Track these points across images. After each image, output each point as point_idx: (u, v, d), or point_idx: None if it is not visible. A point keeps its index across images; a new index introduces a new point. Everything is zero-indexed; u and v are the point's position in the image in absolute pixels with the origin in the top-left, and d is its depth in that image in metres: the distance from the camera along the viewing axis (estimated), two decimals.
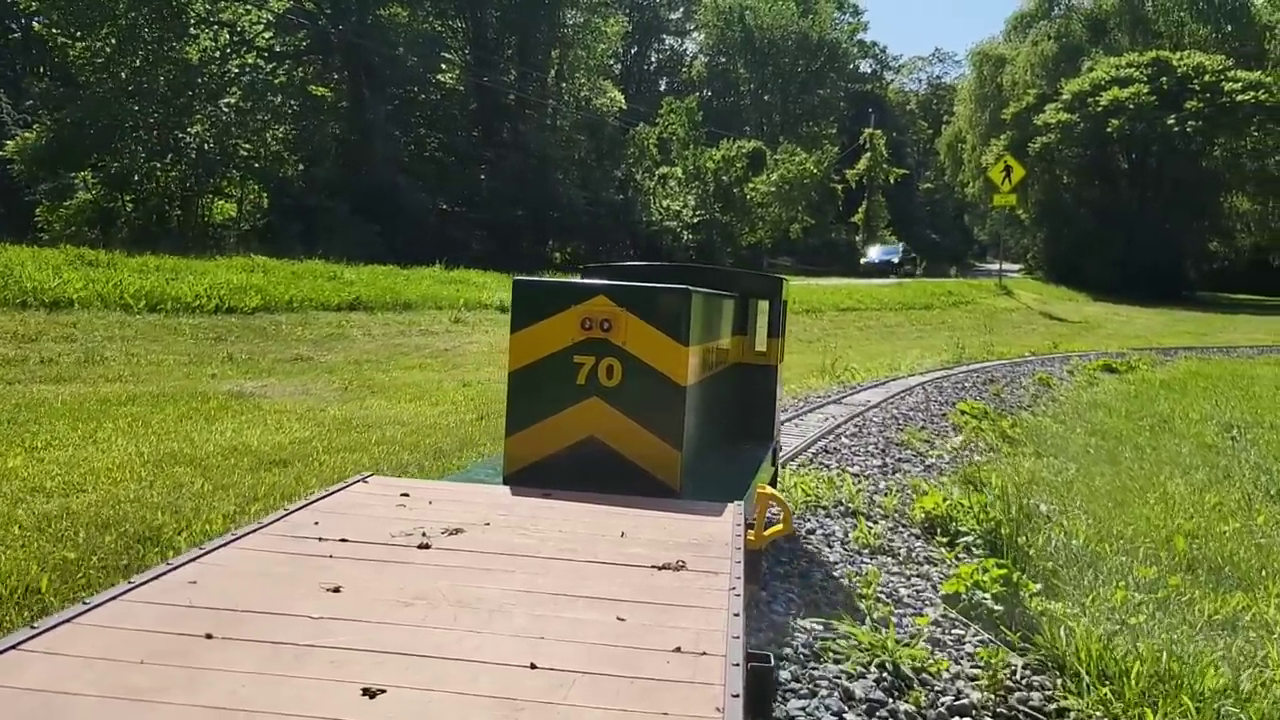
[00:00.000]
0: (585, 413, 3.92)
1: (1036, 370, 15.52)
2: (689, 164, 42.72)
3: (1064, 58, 51.94)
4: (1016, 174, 38.33)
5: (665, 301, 3.91)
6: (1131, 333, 28.23)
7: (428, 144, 38.74)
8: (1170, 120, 43.38)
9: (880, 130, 62.09)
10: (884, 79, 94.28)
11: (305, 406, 9.65)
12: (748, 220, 45.18)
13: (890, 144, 63.86)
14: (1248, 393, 12.74)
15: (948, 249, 79.20)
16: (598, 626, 2.33)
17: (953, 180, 65.59)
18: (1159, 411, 10.53)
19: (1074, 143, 46.87)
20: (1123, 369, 15.96)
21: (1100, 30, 54.04)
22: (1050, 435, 9.94)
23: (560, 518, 3.33)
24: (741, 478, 4.42)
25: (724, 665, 2.10)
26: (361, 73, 35.33)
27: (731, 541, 3.08)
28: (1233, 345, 24.60)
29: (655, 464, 3.89)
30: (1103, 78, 45.58)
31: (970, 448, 9.67)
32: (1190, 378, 14.57)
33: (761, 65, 73.40)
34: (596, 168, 41.26)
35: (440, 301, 18.58)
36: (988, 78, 55.79)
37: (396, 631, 2.24)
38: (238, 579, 2.53)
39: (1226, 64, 45.40)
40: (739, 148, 44.26)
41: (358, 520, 3.14)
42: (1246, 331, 30.43)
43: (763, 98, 75.11)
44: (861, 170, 60.14)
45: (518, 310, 4.03)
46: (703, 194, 42.05)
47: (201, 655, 2.05)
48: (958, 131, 60.05)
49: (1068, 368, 16.18)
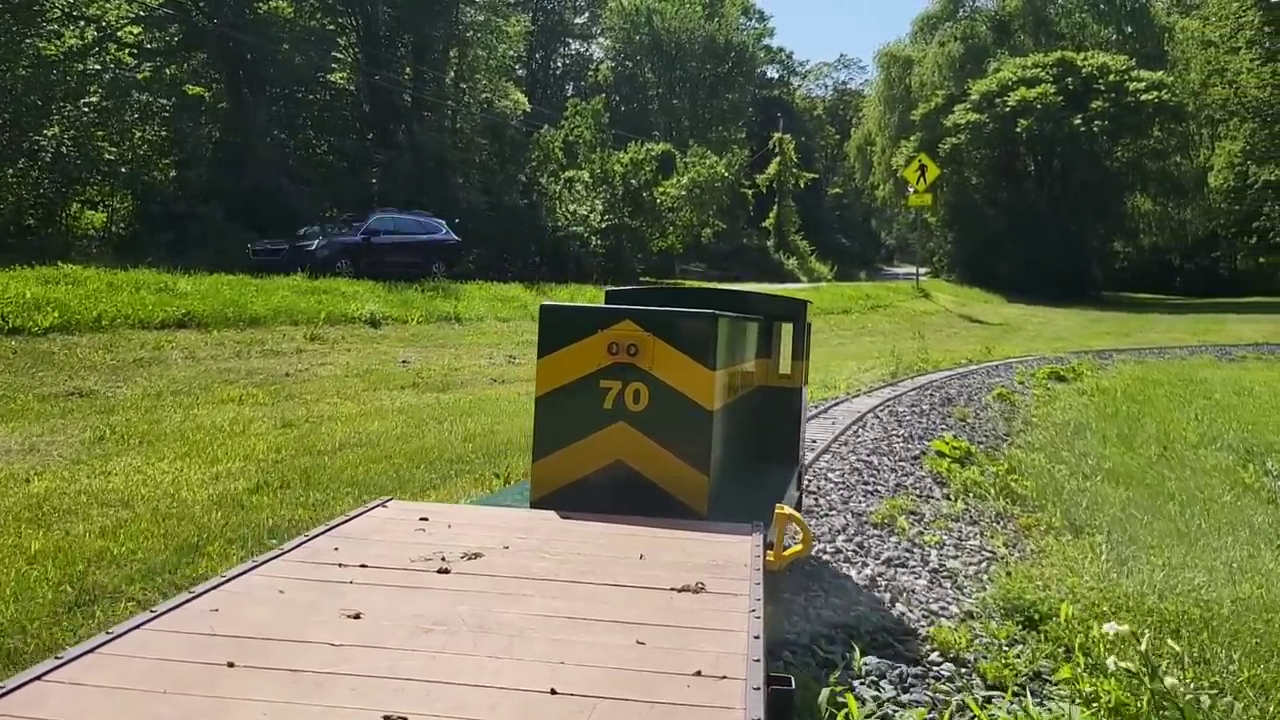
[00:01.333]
0: (612, 437, 3.90)
1: (988, 381, 14.11)
2: (596, 167, 41.12)
3: (970, 59, 51.93)
4: (931, 173, 37.67)
5: (692, 326, 3.91)
6: (1053, 334, 27.53)
7: (316, 147, 36.32)
8: (1077, 120, 43.43)
9: (789, 135, 61.67)
10: (791, 85, 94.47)
11: (6, 474, 7.05)
12: (658, 225, 43.80)
13: (799, 149, 63.59)
14: (1214, 402, 11.65)
15: (856, 253, 79.48)
16: (618, 650, 2.33)
17: (863, 183, 65.42)
18: (1149, 433, 9.18)
19: (983, 144, 46.73)
20: (1070, 376, 14.79)
21: (1005, 31, 54.24)
22: (1064, 488, 7.71)
23: (579, 540, 3.33)
24: (768, 502, 4.13)
25: (744, 689, 2.10)
26: (241, 71, 32.80)
27: (751, 563, 3.07)
28: (1161, 346, 23.94)
29: (682, 489, 3.85)
30: (1010, 78, 45.50)
31: (973, 518, 7.19)
32: (1146, 385, 13.44)
33: (669, 69, 72.30)
34: (499, 171, 39.23)
35: (297, 315, 16.31)
36: (896, 79, 55.55)
37: (417, 658, 2.25)
38: (259, 606, 2.54)
39: (1130, 64, 45.74)
40: (647, 150, 42.84)
41: (377, 546, 3.16)
42: (1164, 330, 30.10)
43: (671, 102, 73.97)
44: (771, 175, 59.75)
45: (545, 335, 4.00)
46: (611, 198, 40.47)
47: (224, 684, 2.07)
48: (867, 134, 59.77)
49: (1016, 377, 14.91)
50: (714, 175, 44.67)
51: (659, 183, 43.04)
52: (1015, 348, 22.42)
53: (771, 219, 60.18)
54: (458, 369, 14.15)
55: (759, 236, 61.50)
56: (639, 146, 42.82)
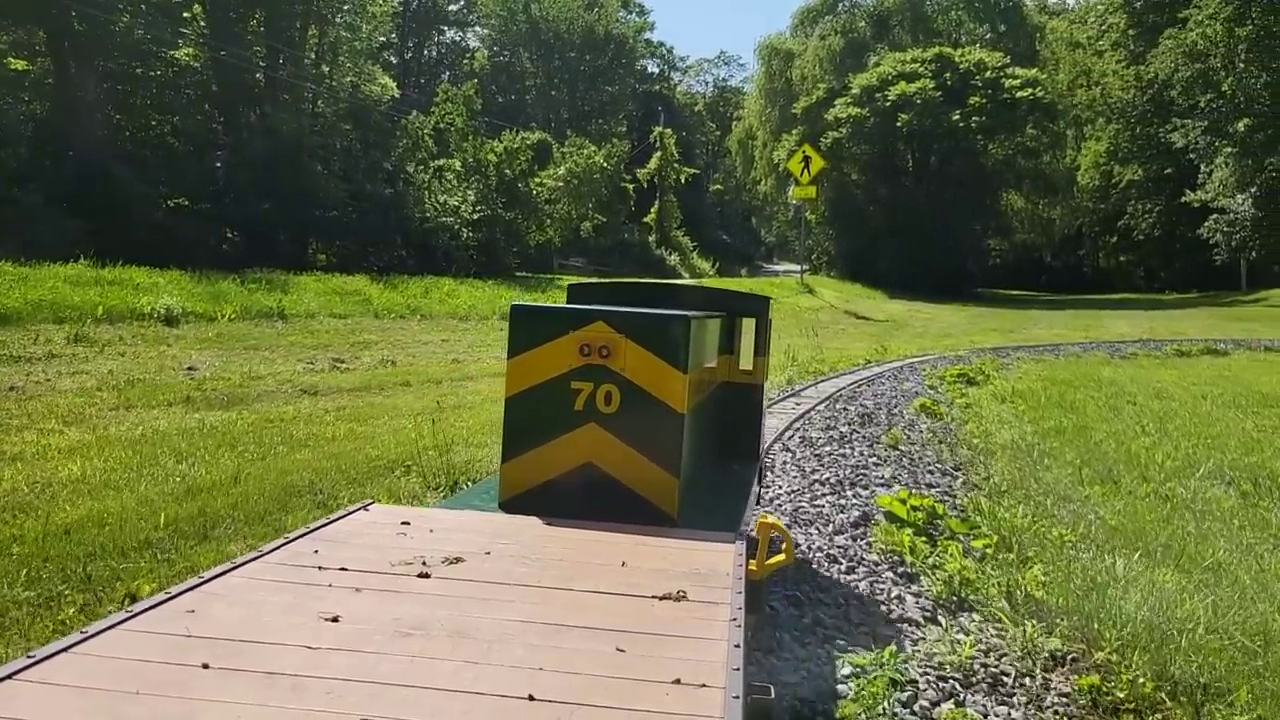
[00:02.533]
0: (583, 439, 3.87)
1: (899, 388, 12.66)
2: (468, 156, 38.97)
3: (850, 53, 51.71)
4: (816, 165, 36.89)
5: (665, 329, 3.87)
6: (940, 331, 26.87)
7: (155, 127, 33.06)
8: (955, 116, 43.47)
9: (670, 129, 60.58)
10: (671, 80, 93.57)
11: None
12: (535, 218, 41.88)
13: (679, 144, 62.65)
14: (1141, 407, 10.56)
15: (738, 250, 79.16)
16: (597, 657, 2.32)
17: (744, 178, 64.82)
18: (1113, 456, 7.75)
19: (864, 139, 46.44)
20: (979, 378, 13.65)
21: (884, 27, 54.25)
22: (1097, 579, 4.81)
23: (561, 547, 3.30)
24: (736, 503, 4.35)
25: (724, 698, 2.08)
26: (67, 43, 29.45)
27: (733, 572, 3.04)
28: (1050, 343, 23.38)
29: (653, 491, 3.83)
30: (889, 72, 45.30)
31: (991, 680, 4.12)
32: (1059, 388, 12.31)
33: (548, 59, 70.34)
34: (362, 158, 36.63)
35: (65, 311, 13.80)
36: (777, 72, 54.94)
37: (394, 662, 2.24)
38: (236, 608, 2.52)
39: (1005, 61, 46.11)
40: (523, 139, 40.88)
41: (358, 549, 3.12)
42: (1046, 326, 29.88)
43: (550, 93, 72.02)
44: (652, 169, 58.59)
45: (515, 335, 3.95)
46: (484, 189, 38.38)
47: (198, 686, 2.05)
48: (748, 127, 59.07)
49: (925, 379, 13.66)
50: (592, 166, 43.06)
51: (535, 173, 41.16)
52: (908, 345, 21.45)
53: (653, 214, 58.98)
54: (259, 377, 11.78)
55: (641, 232, 60.20)
56: (514, 135, 40.83)
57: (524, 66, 71.93)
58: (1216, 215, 42.24)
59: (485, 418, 9.22)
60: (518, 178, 39.93)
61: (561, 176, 42.20)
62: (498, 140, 40.69)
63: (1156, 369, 16.00)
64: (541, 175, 41.83)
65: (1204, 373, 15.24)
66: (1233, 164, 39.67)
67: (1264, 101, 37.26)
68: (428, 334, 19.44)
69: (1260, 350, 21.19)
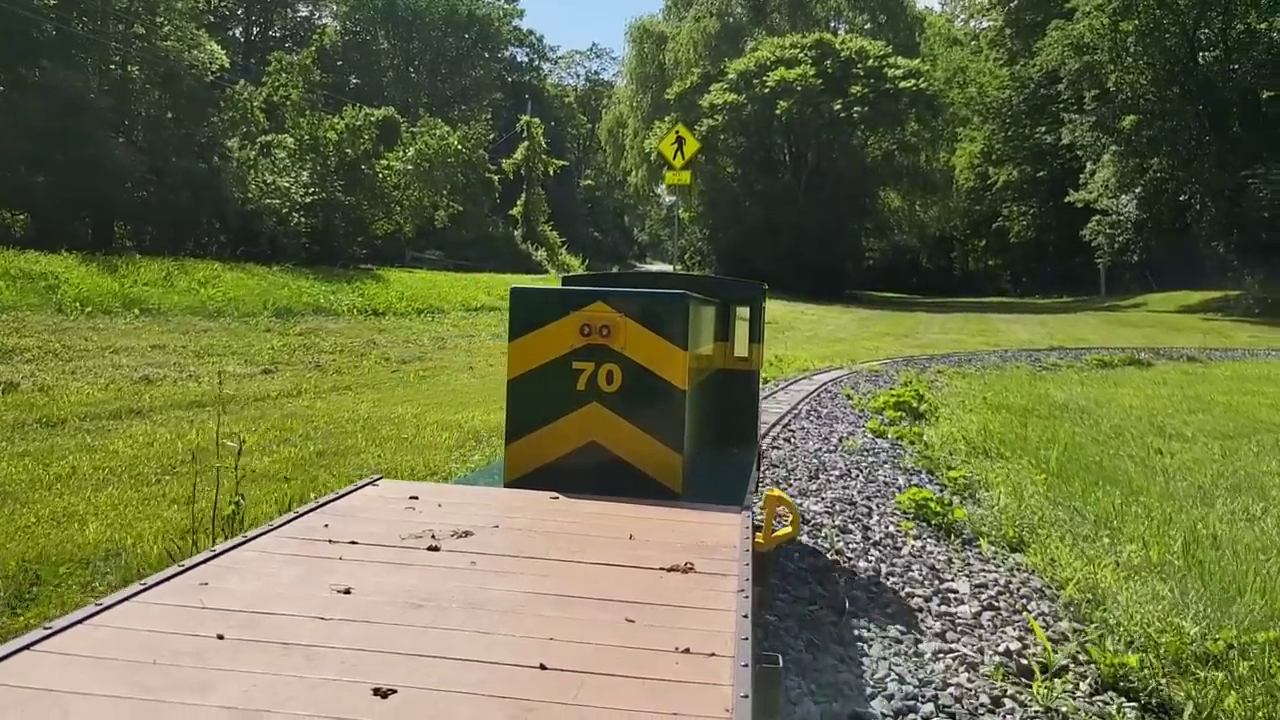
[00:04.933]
0: (586, 418, 3.88)
1: (833, 432, 8.98)
2: (304, 133, 34.41)
3: (726, 38, 48.95)
4: (690, 147, 33.44)
5: (665, 307, 3.90)
6: (829, 335, 24.05)
7: None
8: (836, 105, 41.11)
9: (538, 119, 56.87)
10: (541, 70, 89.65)
11: None
12: (382, 204, 37.50)
13: (549, 134, 59.09)
14: (1188, 463, 7.34)
15: (609, 247, 76.07)
16: (607, 628, 2.32)
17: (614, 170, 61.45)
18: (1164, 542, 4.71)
19: (741, 128, 43.69)
20: (920, 406, 10.32)
21: (761, 11, 51.74)
22: None
23: (569, 520, 3.31)
24: (739, 480, 4.31)
25: (733, 666, 2.09)
26: None
27: (740, 544, 3.04)
28: (956, 352, 20.78)
29: (656, 468, 3.84)
30: (768, 58, 42.63)
31: None
32: (1037, 423, 9.00)
33: (405, 38, 65.43)
34: (173, 129, 31.59)
35: None
36: (649, 56, 51.71)
37: (406, 633, 2.25)
38: (249, 580, 2.54)
39: (887, 50, 44.08)
40: (366, 116, 36.42)
41: (368, 523, 3.15)
42: (939, 331, 27.53)
43: (409, 74, 67.13)
44: (519, 160, 54.85)
45: (516, 318, 3.96)
46: (321, 169, 33.90)
47: (213, 656, 2.07)
48: (619, 115, 55.75)
49: (852, 408, 10.34)
50: (445, 148, 38.92)
51: (381, 155, 36.84)
52: (802, 352, 18.39)
53: (519, 207, 55.23)
54: None
55: (506, 225, 56.37)
56: (356, 111, 36.39)
57: (380, 46, 66.84)
58: (1099, 217, 41.17)
59: None
60: (361, 159, 35.57)
61: (410, 159, 37.93)
62: (339, 117, 36.25)
63: (1110, 387, 13.28)
64: (389, 157, 37.56)
65: (1167, 393, 12.57)
66: (1115, 164, 38.49)
67: (1150, 99, 36.10)
68: (134, 337, 14.85)
69: (1183, 361, 19.09)
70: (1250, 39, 34.89)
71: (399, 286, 26.82)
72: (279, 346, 15.77)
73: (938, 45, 53.44)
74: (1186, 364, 18.59)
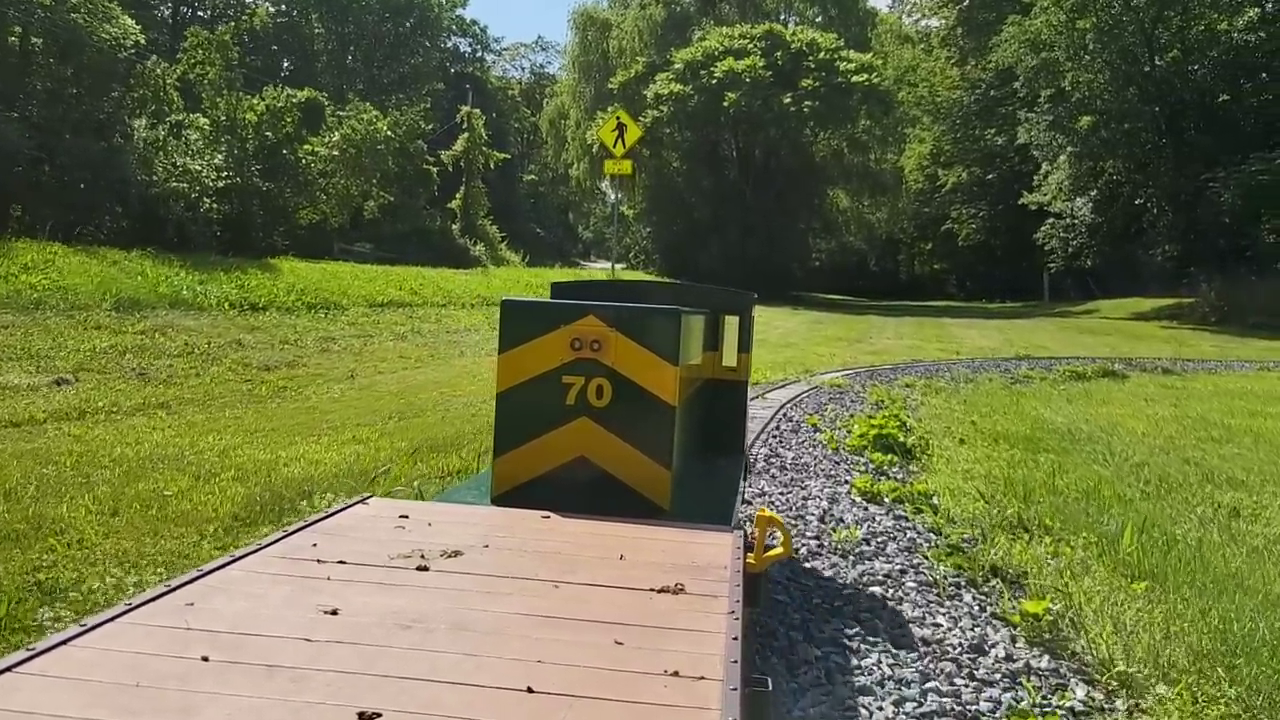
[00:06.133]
0: (575, 433, 3.84)
1: (801, 495, 6.68)
2: (220, 114, 32.03)
3: (673, 27, 47.24)
4: (631, 134, 31.65)
5: (656, 322, 3.86)
6: (779, 339, 22.44)
7: None
8: (787, 99, 39.59)
9: (479, 110, 54.70)
10: (485, 62, 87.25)
11: None
12: (306, 192, 35.17)
13: (491, 127, 56.95)
14: (1263, 533, 5.68)
15: (552, 244, 74.10)
16: (595, 650, 2.27)
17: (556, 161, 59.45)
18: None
19: (687, 121, 42.00)
20: (907, 440, 8.52)
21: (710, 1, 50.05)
22: None
23: (559, 540, 3.26)
24: (726, 495, 4.35)
25: (722, 690, 2.04)
26: None
27: (731, 565, 2.98)
28: (917, 360, 19.24)
29: (645, 484, 3.80)
30: (716, 48, 40.98)
31: None
32: (1051, 459, 7.41)
33: (340, 21, 62.72)
34: (71, 106, 29.00)
35: None
36: (592, 43, 49.76)
37: (393, 654, 2.20)
38: (235, 601, 2.49)
39: (839, 43, 42.69)
40: (289, 98, 34.10)
41: (356, 542, 3.08)
42: (893, 335, 26.09)
43: (344, 60, 64.44)
44: (459, 152, 52.61)
45: (506, 330, 3.91)
46: (239, 153, 31.57)
47: (198, 678, 2.03)
48: (560, 105, 53.75)
49: (825, 450, 8.38)
50: (374, 134, 36.70)
51: (305, 139, 34.52)
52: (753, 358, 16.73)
53: (458, 200, 53.00)
54: None
55: (443, 218, 54.13)
56: (278, 92, 34.06)
57: (313, 29, 64.03)
58: (1053, 220, 40.21)
59: None
60: (282, 142, 33.27)
61: (336, 144, 35.66)
62: (259, 98, 33.88)
63: (1098, 405, 11.76)
64: (314, 142, 35.25)
65: (1167, 414, 11.07)
66: (1070, 165, 37.53)
67: (1107, 99, 35.14)
68: None
69: (1157, 373, 17.80)
70: (1210, 39, 34.11)
71: (290, 277, 24.24)
72: (102, 348, 12.97)
73: (889, 43, 52.39)
74: (1162, 376, 17.31)
